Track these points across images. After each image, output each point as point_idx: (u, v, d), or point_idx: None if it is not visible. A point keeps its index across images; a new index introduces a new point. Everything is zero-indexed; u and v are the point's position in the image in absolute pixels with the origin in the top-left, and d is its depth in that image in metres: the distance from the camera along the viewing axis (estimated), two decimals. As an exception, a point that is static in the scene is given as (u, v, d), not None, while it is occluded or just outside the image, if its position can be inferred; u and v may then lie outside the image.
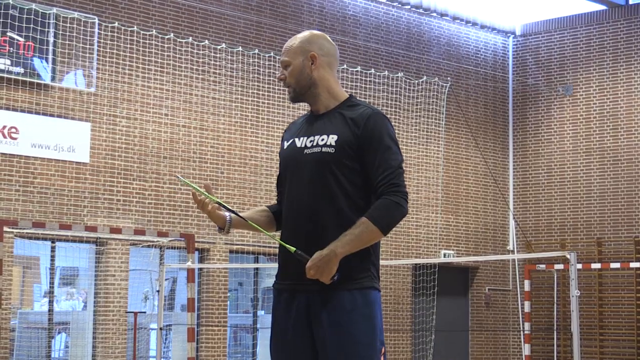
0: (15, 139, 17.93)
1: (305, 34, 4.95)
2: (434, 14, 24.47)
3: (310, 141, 4.80)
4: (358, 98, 4.95)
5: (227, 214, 4.99)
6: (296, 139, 4.89)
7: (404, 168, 4.72)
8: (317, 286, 4.63)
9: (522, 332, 23.17)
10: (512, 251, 25.21)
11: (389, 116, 22.92)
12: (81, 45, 18.72)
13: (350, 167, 4.70)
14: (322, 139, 4.76)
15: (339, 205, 4.67)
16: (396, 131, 21.47)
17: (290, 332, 4.72)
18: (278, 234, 4.98)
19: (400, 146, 4.84)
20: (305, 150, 4.80)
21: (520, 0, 25.64)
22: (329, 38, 5.00)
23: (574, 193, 24.70)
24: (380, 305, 4.72)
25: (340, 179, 4.69)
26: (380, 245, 4.82)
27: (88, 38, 18.79)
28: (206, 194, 4.93)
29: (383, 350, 4.67)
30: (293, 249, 4.70)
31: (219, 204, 4.95)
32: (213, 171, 20.34)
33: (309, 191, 4.74)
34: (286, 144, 4.94)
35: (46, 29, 18.26)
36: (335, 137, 4.73)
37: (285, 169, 4.90)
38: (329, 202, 4.69)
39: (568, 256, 13.19)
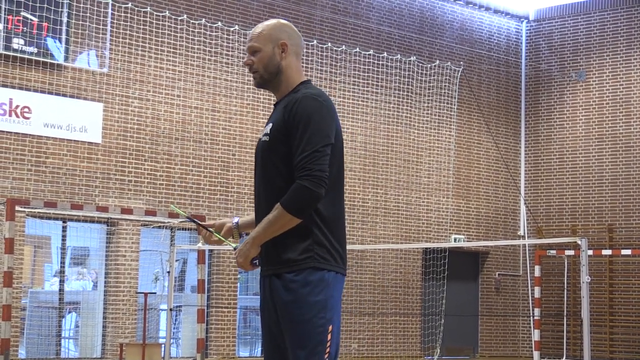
0: (28, 118, 17.97)
1: (273, 22, 5.05)
2: (448, -2, 24.42)
3: (263, 131, 4.99)
4: (312, 83, 5.02)
5: (234, 219, 5.19)
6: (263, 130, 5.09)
7: (416, 152, 4.80)
8: (270, 270, 4.85)
9: (531, 318, 23.18)
10: (523, 236, 25.19)
11: (400, 100, 23.00)
12: (94, 25, 18.73)
13: (283, 153, 4.81)
14: (266, 128, 4.93)
15: (278, 191, 4.80)
16: (408, 115, 21.18)
17: (265, 313, 4.96)
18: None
19: (329, 128, 4.75)
20: (260, 140, 5.00)
21: (535, -15, 25.56)
22: (294, 28, 5.10)
23: (586, 179, 24.66)
24: (329, 285, 4.79)
25: (278, 166, 4.82)
26: (338, 224, 4.87)
27: (101, 18, 18.80)
28: (217, 234, 5.19)
29: (330, 328, 4.77)
30: (234, 245, 4.97)
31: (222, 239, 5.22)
32: (225, 153, 20.35)
33: (258, 180, 4.95)
34: None
35: (60, 9, 18.27)
36: (271, 125, 4.89)
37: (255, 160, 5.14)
38: (271, 189, 4.85)
39: (579, 242, 13.19)
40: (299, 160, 4.70)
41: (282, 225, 4.72)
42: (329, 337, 4.76)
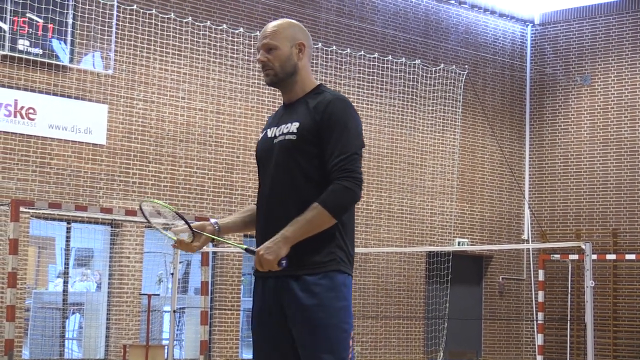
0: (32, 119, 17.98)
1: (287, 21, 5.00)
2: (452, 1, 24.40)
3: (279, 130, 4.88)
4: (327, 86, 5.00)
5: (212, 220, 5.08)
6: (268, 130, 4.99)
7: (420, 155, 4.78)
8: (284, 271, 4.72)
9: (535, 322, 23.14)
10: (527, 240, 25.17)
11: (405, 103, 23.00)
12: (99, 27, 18.74)
13: (313, 154, 4.75)
14: (287, 127, 4.82)
15: (302, 191, 4.74)
16: (413, 118, 21.17)
17: (265, 315, 4.84)
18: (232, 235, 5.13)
19: (362, 131, 4.83)
20: (274, 140, 4.88)
21: (540, -11, 25.55)
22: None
23: (590, 183, 24.63)
24: (348, 289, 4.81)
25: (302, 165, 4.75)
26: (352, 229, 4.87)
27: (107, 20, 18.82)
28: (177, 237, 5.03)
29: (352, 334, 4.79)
30: (244, 246, 4.90)
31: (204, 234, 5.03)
32: (229, 155, 20.36)
33: (276, 179, 4.83)
34: (261, 135, 5.05)
35: (65, 11, 18.29)
36: (297, 124, 4.79)
37: (258, 160, 5.04)
38: (293, 189, 4.77)
39: (583, 247, 13.17)
40: (338, 161, 4.66)
41: (319, 225, 4.65)
42: (351, 342, 4.79)
